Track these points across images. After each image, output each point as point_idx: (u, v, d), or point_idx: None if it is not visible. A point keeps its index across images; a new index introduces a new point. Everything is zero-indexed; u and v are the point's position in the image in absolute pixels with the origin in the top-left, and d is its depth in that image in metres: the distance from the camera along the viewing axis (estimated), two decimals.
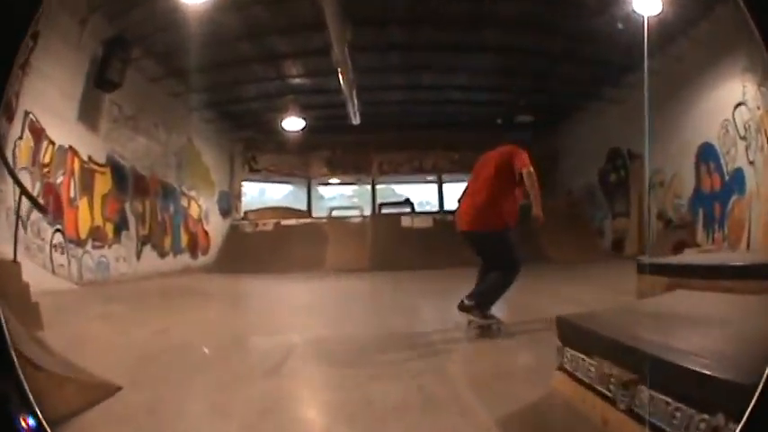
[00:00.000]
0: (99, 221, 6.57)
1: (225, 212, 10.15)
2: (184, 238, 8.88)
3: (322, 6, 5.46)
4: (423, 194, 11.71)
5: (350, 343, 2.91)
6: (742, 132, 4.30)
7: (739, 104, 4.30)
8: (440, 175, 11.13)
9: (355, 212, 10.22)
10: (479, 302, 3.00)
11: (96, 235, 6.45)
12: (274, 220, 9.47)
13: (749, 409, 0.95)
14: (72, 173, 6.03)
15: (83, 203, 6.15)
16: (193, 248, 9.15)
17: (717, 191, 4.90)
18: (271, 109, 9.03)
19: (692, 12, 4.96)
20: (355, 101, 7.99)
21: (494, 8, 6.22)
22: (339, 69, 6.74)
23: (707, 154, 5.26)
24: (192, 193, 9.08)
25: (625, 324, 1.83)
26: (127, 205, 7.31)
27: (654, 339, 1.45)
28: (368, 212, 10.27)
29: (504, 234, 3.06)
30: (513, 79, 7.60)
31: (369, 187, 11.32)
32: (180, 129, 8.71)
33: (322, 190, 11.76)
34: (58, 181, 5.63)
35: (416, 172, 11.00)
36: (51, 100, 5.43)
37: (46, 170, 5.36)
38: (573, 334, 1.80)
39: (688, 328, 1.70)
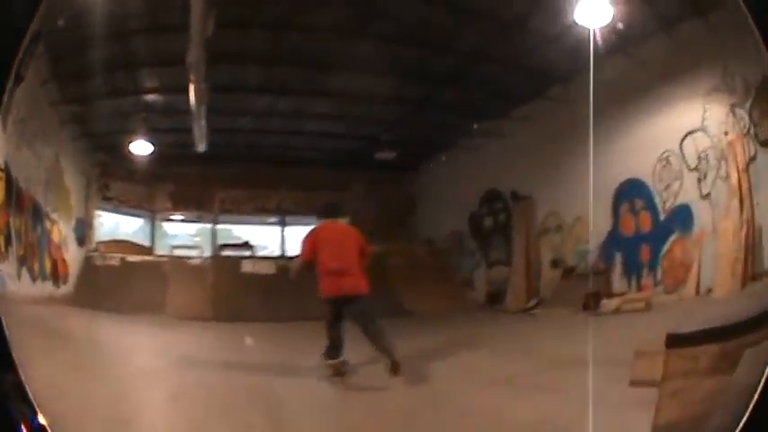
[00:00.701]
0: None
1: (80, 241, 8.94)
2: (48, 264, 7.90)
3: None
4: (264, 237, 10.45)
5: None
6: (693, 163, 4.05)
7: (691, 132, 4.15)
8: (283, 216, 9.88)
9: (195, 253, 8.95)
10: None
11: None
12: (120, 255, 8.43)
13: (749, 409, 1.32)
14: None
15: None
16: (56, 276, 8.12)
17: (644, 232, 4.68)
18: (123, 130, 7.92)
19: (638, 30, 4.49)
20: (203, 123, 6.97)
21: (379, 16, 5.41)
22: (191, 76, 5.85)
23: (631, 192, 4.93)
24: (54, 216, 8.09)
25: None
26: (11, 219, 6.46)
27: None
28: (208, 253, 9.01)
29: None
30: (381, 108, 6.56)
31: (210, 226, 10.09)
32: (52, 143, 7.78)
33: (167, 226, 10.44)
34: None
35: (259, 212, 9.68)
36: None
37: None
38: None
39: None
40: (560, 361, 3.08)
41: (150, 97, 4.45)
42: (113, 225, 5.57)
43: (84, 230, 4.97)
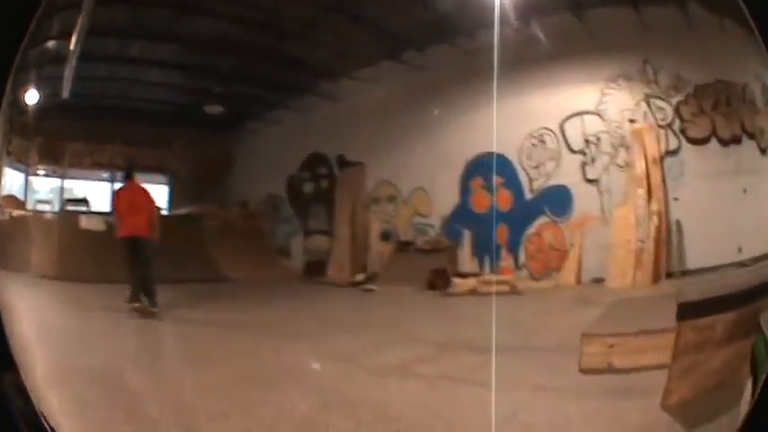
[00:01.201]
0: None
1: None
2: None
3: None
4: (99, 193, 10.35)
5: None
6: (577, 146, 3.91)
7: (576, 114, 3.96)
8: (113, 172, 9.46)
9: (47, 207, 8.65)
10: None
11: None
12: (10, 210, 8.08)
13: (749, 409, 1.31)
14: None
15: None
16: None
17: (504, 211, 4.38)
18: (23, 80, 7.25)
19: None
20: (73, 69, 6.27)
21: None
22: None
23: (489, 167, 4.61)
24: None
25: None
26: None
27: None
28: (57, 209, 8.82)
29: None
30: (217, 60, 5.88)
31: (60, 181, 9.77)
32: None
33: (35, 181, 10.15)
34: None
35: (98, 167, 9.21)
36: None
37: None
38: None
39: None
40: (444, 345, 2.85)
41: (48, 44, 4.31)
42: (8, 180, 5.34)
43: None
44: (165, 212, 3.86)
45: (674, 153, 2.84)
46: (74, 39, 4.06)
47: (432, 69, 3.23)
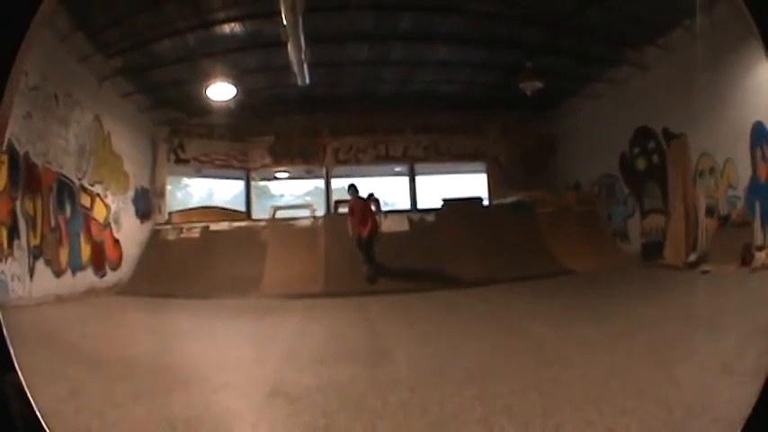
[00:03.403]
0: None
1: (144, 215, 7.31)
2: (85, 250, 6.06)
3: None
4: (391, 190, 8.19)
5: None
6: None
7: None
8: (412, 164, 7.94)
9: (305, 213, 7.39)
10: None
11: None
12: (202, 224, 6.85)
13: (750, 409, 0.86)
14: None
15: None
16: (98, 262, 6.23)
17: None
18: (194, 72, 6.18)
19: None
20: (303, 50, 5.26)
21: None
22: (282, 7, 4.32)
23: (761, 135, 3.86)
24: (97, 189, 6.19)
25: None
26: (18, 204, 4.93)
27: None
28: (321, 212, 7.49)
29: None
30: (519, 32, 5.08)
31: (322, 181, 8.29)
32: (85, 103, 5.92)
33: (270, 185, 8.67)
34: None
35: (383, 160, 7.80)
36: None
37: None
38: None
39: None
40: None
41: (228, 27, 3.57)
42: (193, 190, 4.88)
43: (149, 200, 4.53)
44: (485, 203, 3.80)
45: None
46: (284, 13, 2.88)
47: (706, 37, 3.03)
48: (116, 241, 6.14)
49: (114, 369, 2.25)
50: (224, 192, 7.98)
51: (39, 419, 0.93)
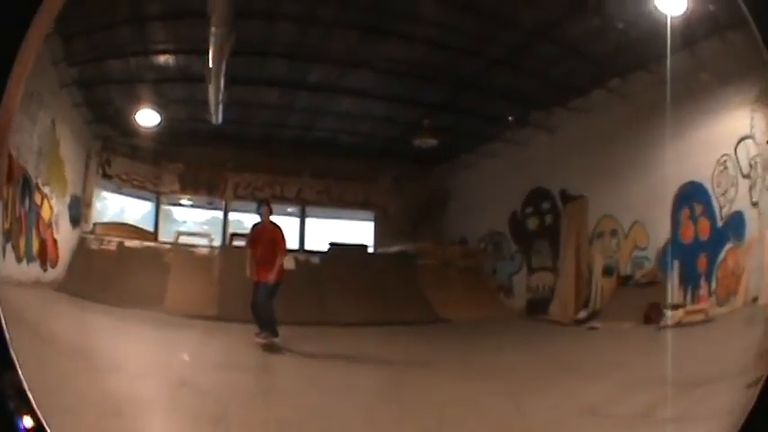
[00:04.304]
0: None
1: (75, 221, 6.28)
2: (35, 244, 3.51)
3: None
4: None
5: None
6: (746, 170, 3.79)
7: (744, 138, 3.82)
8: (303, 206, 7.70)
9: (203, 241, 6.69)
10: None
11: None
12: (119, 239, 6.65)
13: (750, 409, 1.32)
14: None
15: None
16: (43, 258, 3.57)
17: (703, 240, 4.27)
18: (129, 95, 4.06)
19: (700, 29, 4.11)
20: (221, 90, 4.30)
21: None
22: (212, 33, 4.21)
23: (692, 196, 4.52)
24: (46, 190, 3.69)
25: None
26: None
27: None
28: (218, 243, 6.97)
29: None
30: (422, 90, 5.18)
31: (221, 213, 7.50)
32: (48, 106, 3.45)
33: (175, 211, 8.06)
34: None
35: (277, 200, 7.25)
36: None
37: None
38: None
39: None
40: (645, 383, 2.88)
41: (163, 59, 3.85)
42: (115, 205, 5.41)
43: (79, 209, 4.53)
44: (370, 250, 3.95)
45: None
46: (211, 56, 3.45)
47: (633, 98, 3.28)
48: (55, 241, 6.05)
49: (62, 348, 2.90)
50: (134, 211, 7.99)
51: (39, 419, 1.30)
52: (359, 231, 3.66)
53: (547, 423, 2.64)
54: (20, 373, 1.25)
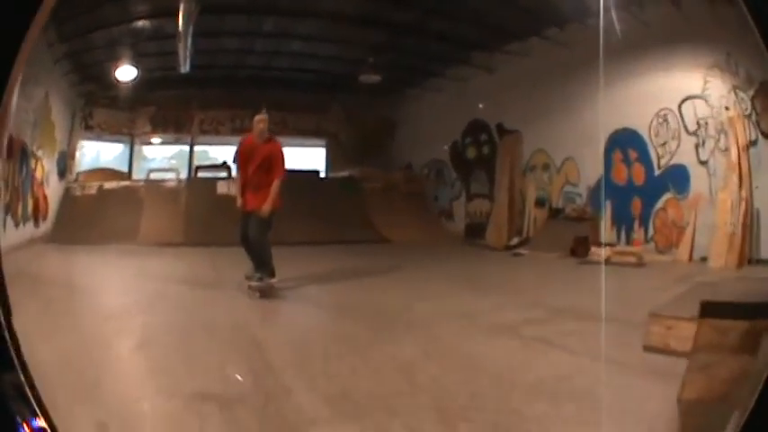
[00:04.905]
0: None
1: (61, 174, 8.20)
2: (30, 204, 7.20)
3: None
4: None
5: None
6: (691, 127, 3.86)
7: (690, 98, 3.73)
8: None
9: (171, 175, 8.35)
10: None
11: None
12: (98, 183, 7.91)
13: (750, 409, 1.05)
14: None
15: None
16: (36, 215, 7.38)
17: (638, 185, 4.42)
18: (111, 58, 6.99)
19: None
20: (188, 45, 6.06)
21: None
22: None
23: (627, 141, 4.60)
24: (39, 153, 7.38)
25: None
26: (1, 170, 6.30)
27: None
28: (184, 176, 8.31)
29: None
30: (367, 30, 5.91)
31: (187, 147, 8.76)
32: (42, 83, 6.99)
33: (146, 150, 9.12)
34: None
35: (238, 133, 7.87)
36: None
37: None
38: None
39: None
40: (558, 310, 2.94)
41: (139, 24, 4.43)
42: (95, 154, 5.29)
43: (65, 162, 5.31)
44: (322, 175, 4.11)
45: (754, 143, 2.87)
46: (181, 17, 4.03)
47: (571, 46, 3.38)
48: (45, 196, 7.17)
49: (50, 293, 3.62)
50: (108, 154, 8.49)
51: (39, 419, 1.09)
52: (313, 158, 3.74)
53: (458, 331, 2.71)
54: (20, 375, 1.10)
